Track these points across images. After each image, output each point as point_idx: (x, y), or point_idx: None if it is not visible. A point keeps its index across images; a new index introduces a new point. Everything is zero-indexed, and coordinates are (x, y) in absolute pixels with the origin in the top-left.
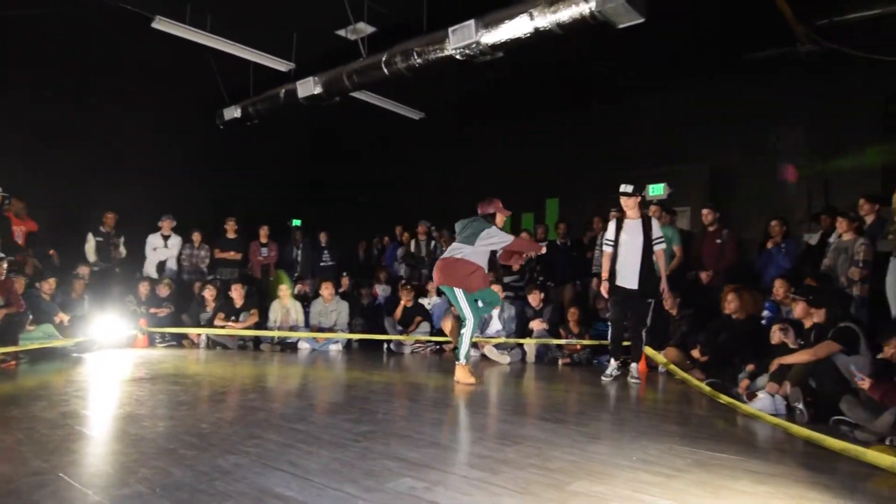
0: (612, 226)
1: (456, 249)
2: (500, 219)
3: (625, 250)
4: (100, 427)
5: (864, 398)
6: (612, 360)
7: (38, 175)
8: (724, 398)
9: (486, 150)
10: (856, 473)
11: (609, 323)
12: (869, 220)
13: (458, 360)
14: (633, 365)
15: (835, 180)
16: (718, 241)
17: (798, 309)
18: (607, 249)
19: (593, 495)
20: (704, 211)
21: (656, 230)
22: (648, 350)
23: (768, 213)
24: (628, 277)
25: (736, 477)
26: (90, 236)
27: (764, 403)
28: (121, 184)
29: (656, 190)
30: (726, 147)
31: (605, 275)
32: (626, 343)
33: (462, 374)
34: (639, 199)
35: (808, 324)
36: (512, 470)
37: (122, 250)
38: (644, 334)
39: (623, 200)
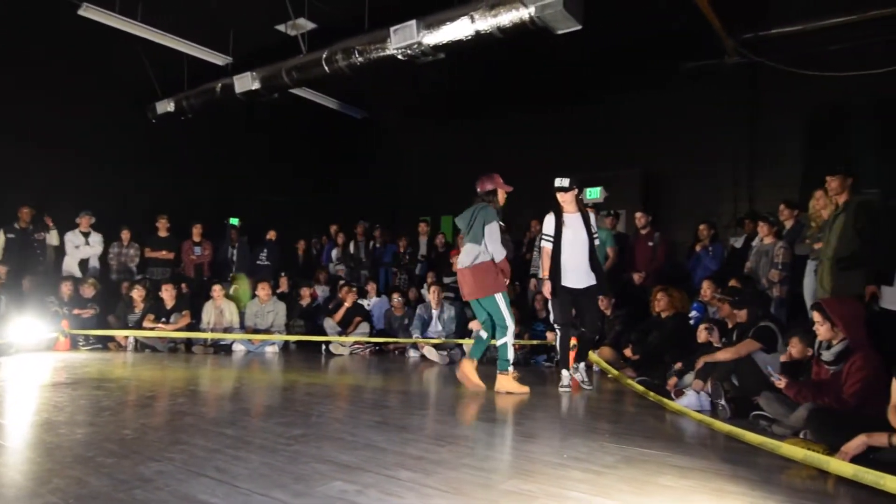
0: (549, 220)
1: (471, 253)
2: (502, 195)
3: (570, 247)
4: (13, 435)
5: (781, 394)
6: (564, 371)
7: None
8: (654, 396)
9: (427, 151)
10: (772, 466)
11: (556, 326)
12: (788, 224)
13: (501, 370)
14: (574, 368)
15: (759, 187)
16: (650, 243)
17: (723, 309)
18: (546, 246)
19: (523, 493)
20: (638, 214)
21: (594, 225)
22: None
23: (698, 217)
24: (577, 275)
25: (661, 472)
26: (1, 233)
27: (690, 400)
28: (41, 178)
29: (593, 193)
30: (659, 153)
31: (545, 274)
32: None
33: (510, 384)
34: (576, 192)
35: (731, 323)
36: (445, 470)
37: (55, 242)
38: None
39: (559, 196)
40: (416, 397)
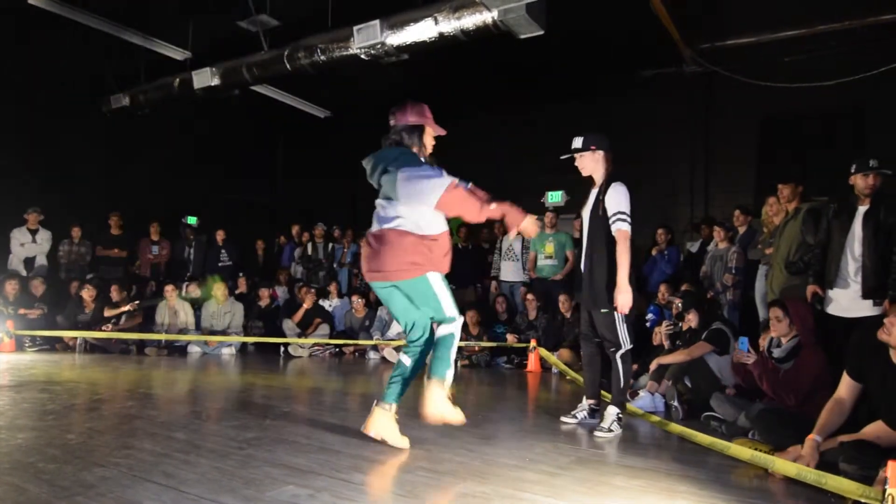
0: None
1: (385, 214)
2: (430, 138)
3: (583, 235)
4: None
5: (731, 396)
6: (610, 407)
7: None
8: (609, 397)
9: None
10: (721, 466)
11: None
12: (742, 230)
13: (436, 375)
14: (611, 409)
15: (714, 193)
16: None
17: (676, 311)
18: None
19: (477, 496)
20: None
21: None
22: (542, 351)
23: (654, 222)
24: (581, 275)
25: (614, 473)
26: None
27: (644, 401)
28: None
29: (554, 197)
30: (617, 158)
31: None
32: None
33: (444, 405)
34: (595, 153)
35: (684, 326)
36: (400, 473)
37: None
38: (620, 361)
39: (577, 162)
40: (373, 399)
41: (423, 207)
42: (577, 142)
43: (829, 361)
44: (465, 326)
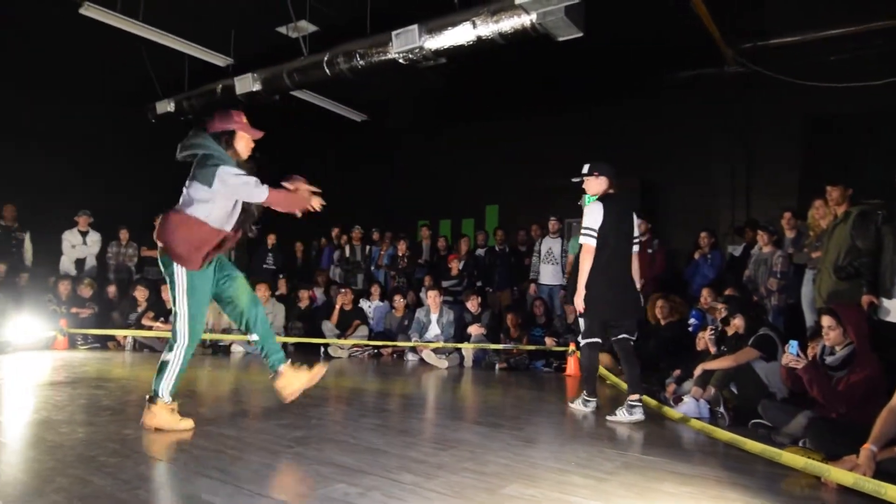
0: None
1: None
2: (246, 143)
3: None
4: (13, 433)
5: (780, 403)
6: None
7: None
8: (653, 402)
9: (429, 154)
10: (772, 474)
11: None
12: (790, 234)
13: (156, 396)
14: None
15: (756, 195)
16: (649, 250)
17: (720, 316)
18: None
19: (525, 498)
20: (637, 222)
21: (584, 217)
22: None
23: (694, 225)
24: None
25: (662, 479)
26: None
27: (689, 407)
28: (37, 175)
29: (589, 200)
30: (656, 161)
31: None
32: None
33: (163, 417)
34: (598, 178)
35: (729, 331)
36: (446, 474)
37: (28, 245)
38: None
39: (584, 184)
40: (415, 401)
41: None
42: (585, 168)
43: (884, 369)
44: (504, 329)
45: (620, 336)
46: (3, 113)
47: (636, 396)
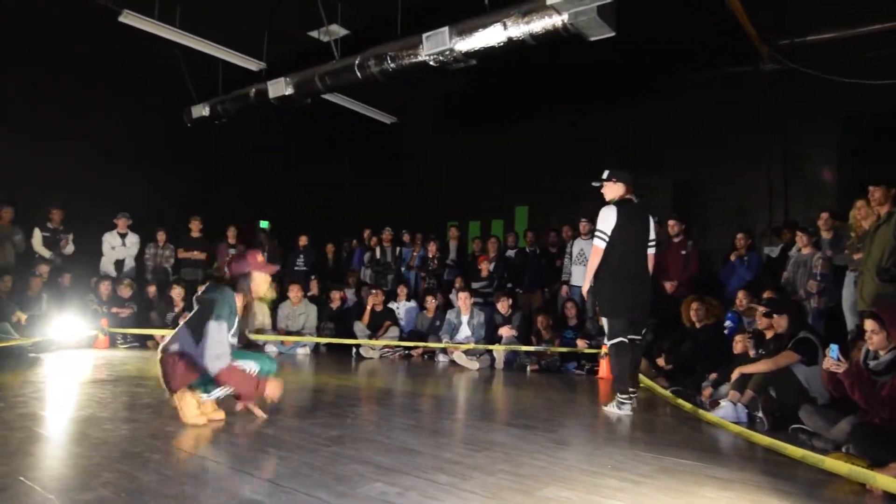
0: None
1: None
2: (261, 280)
3: None
4: (59, 429)
5: (822, 408)
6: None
7: None
8: (688, 406)
9: (458, 156)
10: (814, 480)
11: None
12: (828, 235)
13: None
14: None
15: (794, 196)
16: (683, 252)
17: (760, 320)
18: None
19: (561, 501)
20: (671, 222)
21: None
22: None
23: (730, 226)
24: None
25: (700, 483)
26: (37, 231)
27: (726, 411)
28: (79, 179)
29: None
30: (690, 160)
31: None
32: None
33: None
34: (616, 184)
35: (768, 334)
36: (482, 475)
37: (71, 247)
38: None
39: (603, 189)
40: (447, 402)
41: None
42: (605, 174)
43: None
44: (535, 331)
45: (629, 336)
46: (49, 120)
47: (630, 394)
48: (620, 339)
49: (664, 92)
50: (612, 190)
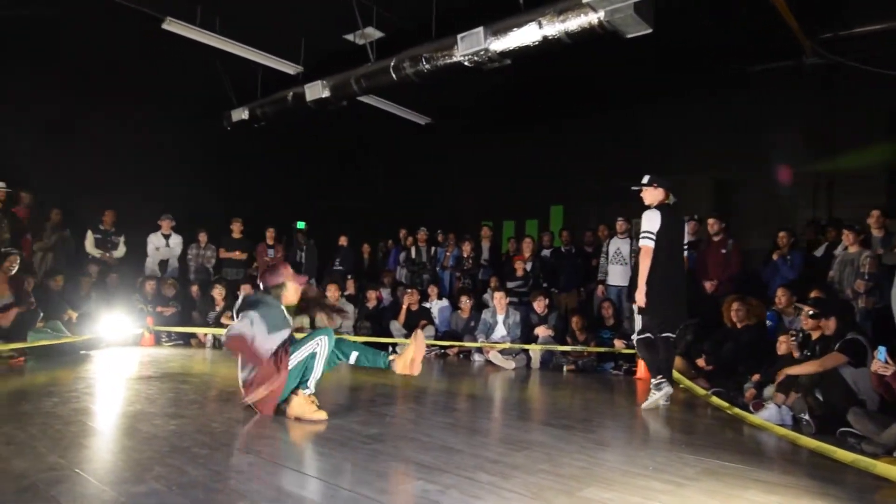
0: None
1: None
2: (293, 291)
3: None
4: (111, 424)
5: (871, 411)
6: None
7: (44, 172)
8: (734, 409)
9: (492, 155)
10: (864, 485)
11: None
12: (878, 233)
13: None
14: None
15: (839, 193)
16: (723, 250)
17: (805, 320)
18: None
19: (604, 502)
20: (710, 220)
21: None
22: None
23: (772, 224)
24: None
25: (746, 486)
26: (89, 233)
27: (770, 413)
28: (125, 182)
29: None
30: (730, 157)
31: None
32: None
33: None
34: (656, 189)
35: (815, 335)
36: (522, 475)
37: (122, 248)
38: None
39: (642, 193)
40: (484, 401)
41: None
42: (645, 179)
43: None
44: (570, 332)
45: (664, 334)
46: (98, 126)
47: (659, 377)
48: (647, 335)
49: (703, 88)
50: (653, 194)
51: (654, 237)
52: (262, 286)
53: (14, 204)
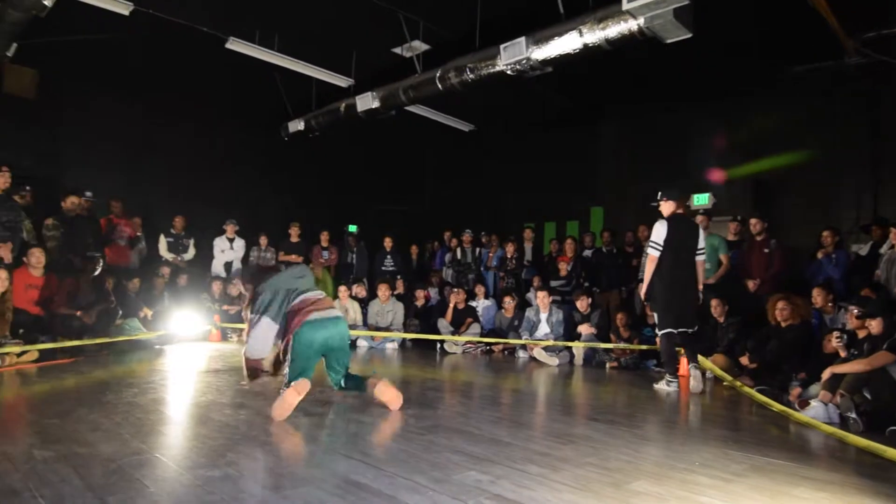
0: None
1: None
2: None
3: None
4: (185, 413)
5: None
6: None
7: (122, 182)
8: (777, 406)
9: (533, 159)
10: None
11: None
12: None
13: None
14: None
15: (884, 192)
16: (766, 250)
17: (851, 319)
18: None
19: (652, 496)
20: (753, 220)
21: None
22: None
23: (815, 223)
24: None
25: (794, 483)
26: (162, 237)
27: (817, 411)
28: (193, 190)
29: (701, 199)
30: (771, 158)
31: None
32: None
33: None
34: (668, 202)
35: (861, 333)
36: (571, 468)
37: (192, 251)
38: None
39: (660, 207)
40: (530, 396)
41: None
42: (658, 195)
43: None
44: (614, 328)
45: (680, 329)
46: (169, 139)
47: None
48: (669, 330)
49: (743, 89)
50: (667, 207)
51: (659, 247)
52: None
53: (104, 212)
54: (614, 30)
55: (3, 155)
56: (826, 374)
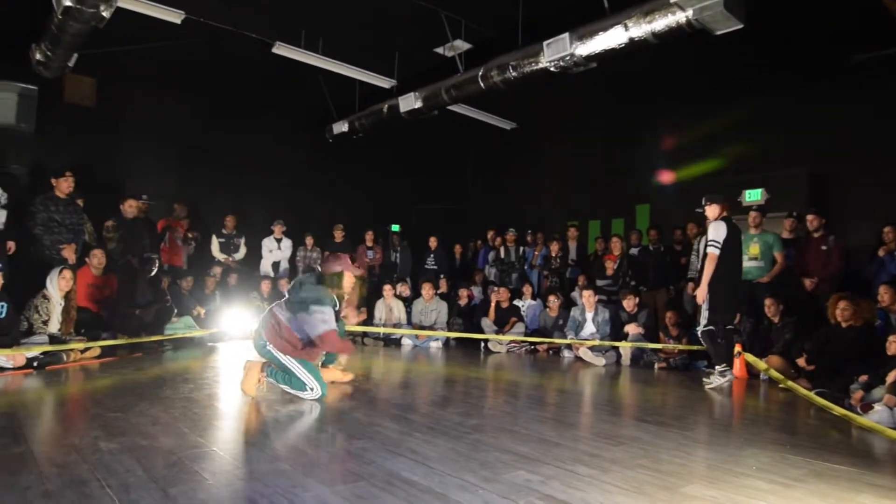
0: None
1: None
2: (349, 280)
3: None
4: (239, 408)
5: None
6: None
7: (176, 184)
8: (838, 409)
9: (576, 157)
10: None
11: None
12: None
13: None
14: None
15: None
16: (824, 247)
17: None
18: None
19: (707, 499)
20: (809, 217)
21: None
22: (749, 357)
23: (876, 220)
24: None
25: (857, 490)
26: (214, 238)
27: (881, 416)
28: (243, 192)
29: (753, 195)
30: (827, 151)
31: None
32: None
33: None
34: (713, 206)
35: None
36: (622, 469)
37: (243, 249)
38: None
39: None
40: (577, 396)
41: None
42: (703, 199)
43: None
44: (663, 327)
45: (727, 326)
46: (219, 142)
47: (723, 366)
48: (711, 327)
49: (798, 80)
50: (713, 210)
51: (719, 246)
52: (319, 272)
53: (162, 214)
54: (661, 23)
55: (66, 160)
56: (891, 377)
